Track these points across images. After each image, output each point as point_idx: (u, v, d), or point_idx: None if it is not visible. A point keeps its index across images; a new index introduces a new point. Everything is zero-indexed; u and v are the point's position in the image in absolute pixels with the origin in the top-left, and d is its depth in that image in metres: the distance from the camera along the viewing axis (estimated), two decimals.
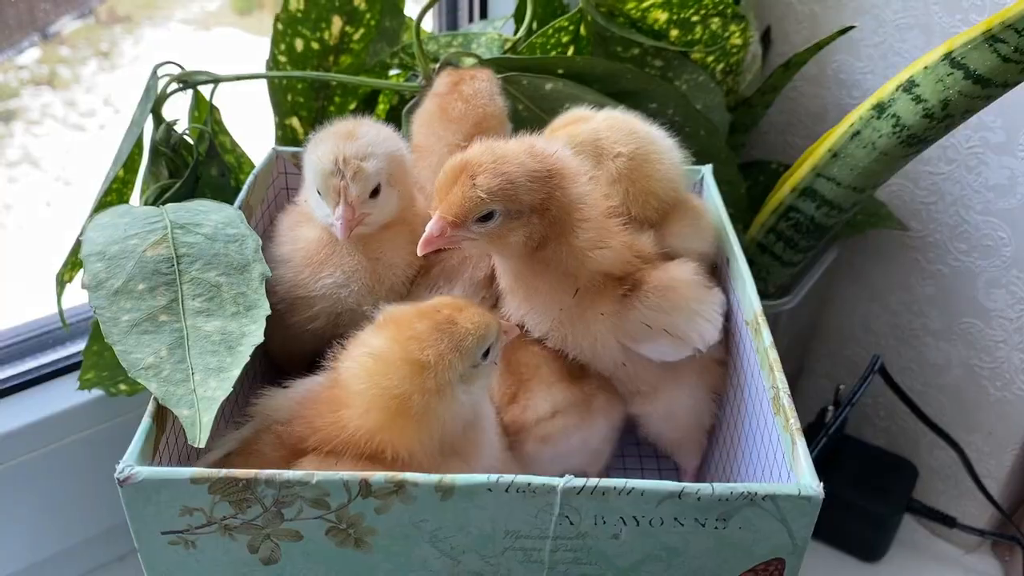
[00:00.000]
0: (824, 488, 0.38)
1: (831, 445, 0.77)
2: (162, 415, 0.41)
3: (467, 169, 0.46)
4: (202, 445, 0.39)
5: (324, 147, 0.52)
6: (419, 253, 0.47)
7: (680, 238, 0.54)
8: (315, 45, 0.68)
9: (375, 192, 0.52)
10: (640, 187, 0.53)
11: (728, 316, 0.55)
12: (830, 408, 0.79)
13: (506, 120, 0.60)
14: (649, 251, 0.52)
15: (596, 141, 0.53)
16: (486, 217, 0.46)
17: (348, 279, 0.53)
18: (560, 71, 0.65)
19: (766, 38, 0.84)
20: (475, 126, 0.57)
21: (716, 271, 0.58)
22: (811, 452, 0.73)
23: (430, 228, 0.46)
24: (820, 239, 0.71)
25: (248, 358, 0.42)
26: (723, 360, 0.56)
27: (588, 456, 0.55)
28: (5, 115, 0.86)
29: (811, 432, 0.80)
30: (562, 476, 0.38)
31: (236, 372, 0.42)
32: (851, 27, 0.72)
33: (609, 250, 0.49)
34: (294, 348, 0.57)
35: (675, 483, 0.38)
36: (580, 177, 0.49)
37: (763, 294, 0.76)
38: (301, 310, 0.54)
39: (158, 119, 0.61)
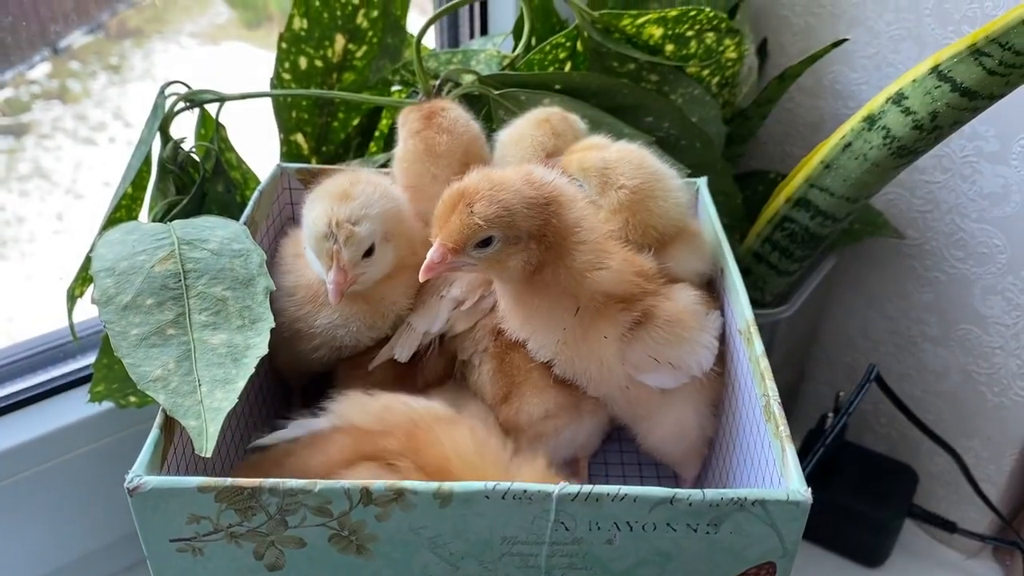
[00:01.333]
0: (825, 494, 0.39)
1: (832, 452, 0.77)
2: (170, 426, 0.43)
3: (464, 197, 0.47)
4: (208, 454, 0.40)
5: (319, 208, 0.52)
6: (420, 279, 0.48)
7: (677, 261, 0.56)
8: (318, 63, 0.70)
9: (369, 251, 0.52)
10: (639, 219, 0.54)
11: (723, 325, 0.56)
12: (830, 415, 0.80)
13: (485, 140, 0.61)
14: (649, 267, 0.53)
15: (604, 170, 0.55)
16: (485, 243, 0.47)
17: (347, 320, 0.55)
18: (557, 86, 0.66)
19: (762, 51, 0.86)
20: (464, 154, 0.58)
21: (712, 284, 0.59)
22: (809, 460, 0.75)
23: (431, 255, 0.48)
24: (815, 248, 0.72)
25: (253, 370, 0.44)
26: (721, 372, 0.57)
27: (577, 448, 0.59)
28: (16, 129, 0.87)
29: (812, 439, 0.81)
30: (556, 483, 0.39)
31: (241, 383, 0.43)
32: (844, 40, 0.73)
33: (607, 271, 0.50)
34: (301, 368, 0.60)
35: (667, 489, 0.39)
36: (576, 203, 0.50)
37: (760, 303, 0.77)
38: (304, 341, 0.56)
39: (165, 137, 0.63)
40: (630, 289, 0.51)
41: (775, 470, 0.44)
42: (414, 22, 0.77)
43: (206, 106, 0.66)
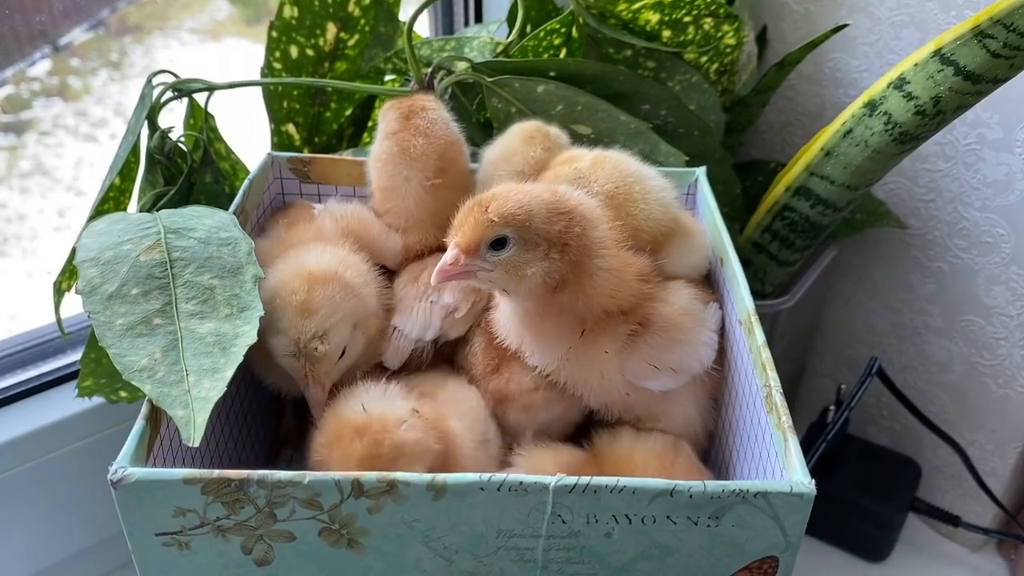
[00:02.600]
0: (828, 488, 0.38)
1: (834, 445, 0.76)
2: (156, 417, 0.42)
3: (482, 201, 0.46)
4: (196, 445, 0.39)
5: (282, 323, 0.49)
6: (433, 283, 0.47)
7: (672, 259, 0.55)
8: (310, 52, 0.69)
9: (341, 353, 0.51)
10: (624, 224, 0.53)
11: (722, 317, 0.55)
12: (832, 408, 0.79)
13: (464, 143, 0.60)
14: (646, 267, 0.52)
15: (577, 179, 0.54)
16: (499, 245, 0.46)
17: None
18: (552, 73, 0.65)
19: (762, 38, 0.85)
20: (440, 159, 0.57)
21: (710, 275, 0.58)
22: (812, 454, 0.74)
23: (445, 258, 0.46)
24: (816, 238, 0.71)
25: (241, 358, 0.42)
26: (719, 365, 0.56)
27: (570, 428, 0.57)
28: (17, 126, 0.86)
29: (814, 432, 0.80)
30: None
31: (230, 372, 0.42)
32: (844, 25, 0.72)
33: (619, 296, 0.49)
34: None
35: (667, 481, 0.38)
36: (602, 224, 0.49)
37: (761, 294, 0.76)
38: (268, 360, 0.54)
39: (153, 127, 0.61)
40: (633, 297, 0.50)
41: (777, 462, 0.43)
42: (409, 11, 0.76)
43: (195, 96, 0.65)
